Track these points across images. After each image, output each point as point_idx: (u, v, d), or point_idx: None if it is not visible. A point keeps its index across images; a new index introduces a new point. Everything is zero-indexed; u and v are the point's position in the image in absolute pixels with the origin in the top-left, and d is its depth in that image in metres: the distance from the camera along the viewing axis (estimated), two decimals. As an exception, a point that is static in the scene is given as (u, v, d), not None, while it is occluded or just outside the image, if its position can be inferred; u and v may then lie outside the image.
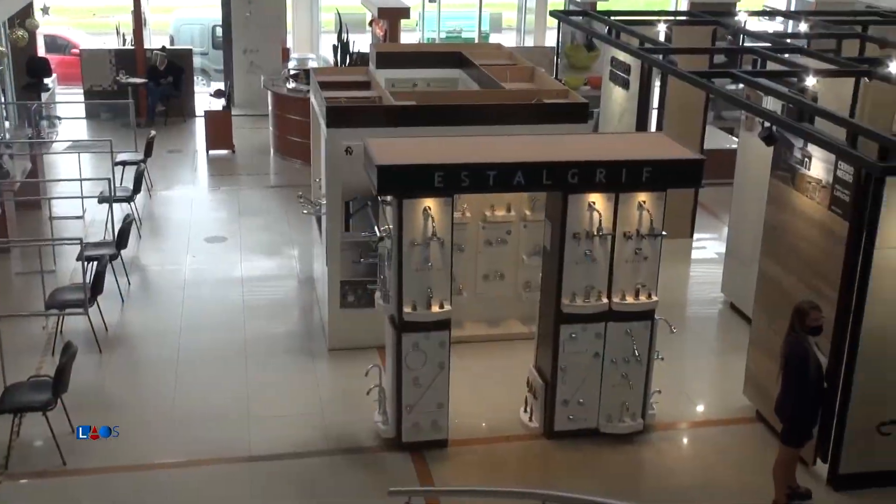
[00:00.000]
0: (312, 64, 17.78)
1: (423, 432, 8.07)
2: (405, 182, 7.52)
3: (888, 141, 7.07)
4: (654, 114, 12.65)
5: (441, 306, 7.80)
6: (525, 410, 8.56)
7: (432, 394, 7.95)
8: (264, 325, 10.36)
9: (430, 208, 7.58)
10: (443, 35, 21.98)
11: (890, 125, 11.30)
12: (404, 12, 16.00)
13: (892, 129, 10.96)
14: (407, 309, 7.75)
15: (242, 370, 9.38)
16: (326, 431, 8.43)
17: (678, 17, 13.70)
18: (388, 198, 7.77)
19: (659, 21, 12.52)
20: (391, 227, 7.79)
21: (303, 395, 9.01)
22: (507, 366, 9.39)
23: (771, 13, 15.42)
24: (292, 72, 16.78)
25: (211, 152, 16.40)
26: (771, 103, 9.17)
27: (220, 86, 19.08)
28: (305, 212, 11.34)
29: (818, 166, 7.61)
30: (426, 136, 8.58)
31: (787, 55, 10.72)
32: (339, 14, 17.11)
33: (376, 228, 8.40)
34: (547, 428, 8.33)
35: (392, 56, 12.06)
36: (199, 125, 17.48)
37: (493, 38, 22.27)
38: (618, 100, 12.49)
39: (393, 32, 15.68)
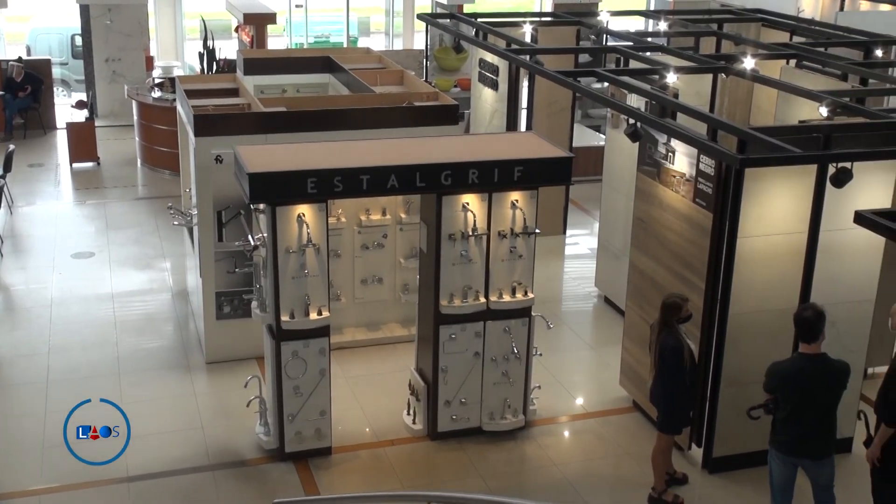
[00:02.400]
0: (178, 72, 17.42)
1: (307, 441, 8.00)
2: (278, 189, 7.44)
3: (746, 134, 7.34)
4: (524, 113, 12.84)
5: (319, 313, 7.75)
6: (408, 413, 8.58)
7: (314, 402, 7.89)
8: (138, 341, 10.09)
9: (304, 215, 7.52)
10: (311, 40, 21.82)
11: (747, 118, 11.78)
12: (271, 18, 15.82)
13: (749, 122, 11.41)
14: (285, 317, 7.67)
15: (116, 388, 9.11)
16: (207, 446, 8.26)
17: (543, 18, 13.93)
18: (261, 206, 7.67)
19: (524, 22, 12.71)
20: (265, 235, 7.70)
21: (181, 411, 8.81)
22: (388, 369, 9.40)
23: (632, 13, 15.82)
24: (157, 80, 16.39)
25: (74, 165, 15.87)
26: (635, 100, 9.43)
27: (82, 96, 18.49)
28: (176, 223, 11.09)
29: (682, 160, 7.86)
30: (297, 142, 8.51)
31: (648, 53, 11.03)
32: (203, 21, 16.79)
33: (250, 237, 8.28)
34: (430, 429, 8.36)
35: (260, 62, 11.91)
36: (61, 137, 16.89)
37: (362, 43, 22.22)
38: (488, 100, 12.64)
39: (260, 38, 15.51)
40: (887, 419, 6.80)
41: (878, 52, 11.39)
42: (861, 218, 6.35)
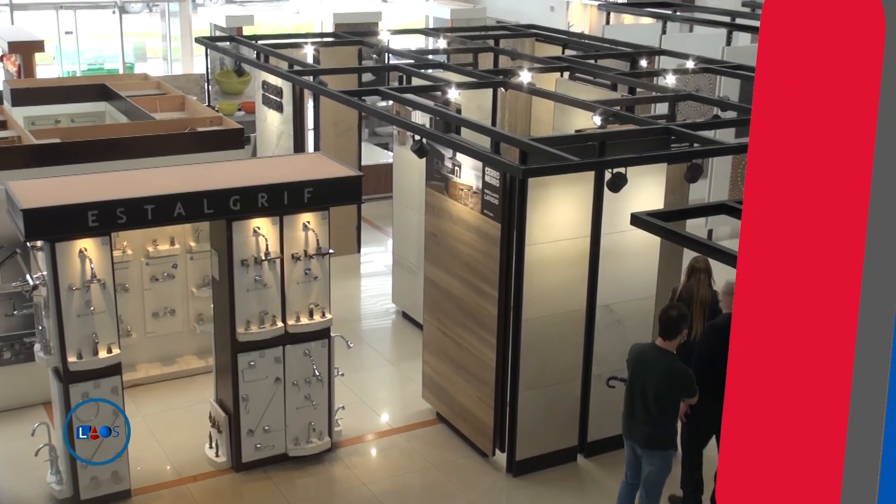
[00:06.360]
0: (-62, 106, 16.31)
1: (103, 485, 7.64)
2: (55, 224, 7.09)
3: (527, 145, 7.59)
4: (311, 134, 12.80)
5: (109, 351, 7.44)
6: (210, 446, 8.35)
7: (109, 444, 7.55)
8: None
9: (86, 250, 7.20)
10: (84, 67, 20.97)
11: (528, 130, 12.19)
12: (38, 45, 15.06)
13: (529, 134, 11.82)
14: (71, 358, 7.31)
15: None
16: (-6, 502, 7.77)
17: (324, 39, 13.93)
18: (39, 243, 7.30)
19: (306, 43, 12.68)
20: (45, 273, 7.33)
21: (-38, 467, 8.24)
22: (186, 403, 9.13)
23: (412, 31, 16.09)
24: (-85, 115, 15.30)
25: None
26: (419, 117, 9.58)
27: None
28: (-55, 267, 10.38)
29: (468, 174, 8.04)
30: (75, 174, 8.15)
31: (430, 70, 11.23)
32: (-37, 50, 15.83)
33: (28, 277, 7.85)
34: (235, 460, 8.17)
35: (29, 92, 11.37)
36: None
37: (139, 68, 21.52)
38: (273, 123, 12.52)
39: (28, 67, 14.74)
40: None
41: (643, 63, 12.07)
42: (636, 219, 6.68)
